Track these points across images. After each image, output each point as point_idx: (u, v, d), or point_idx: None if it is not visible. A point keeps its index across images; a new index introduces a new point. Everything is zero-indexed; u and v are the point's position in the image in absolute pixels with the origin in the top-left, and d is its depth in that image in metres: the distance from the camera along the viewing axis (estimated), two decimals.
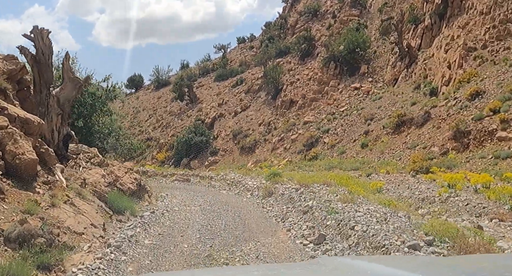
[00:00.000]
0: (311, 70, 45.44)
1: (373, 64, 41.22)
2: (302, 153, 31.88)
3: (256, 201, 12.40)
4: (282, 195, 11.42)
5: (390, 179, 15.49)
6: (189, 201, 12.15)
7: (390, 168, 19.91)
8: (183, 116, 49.72)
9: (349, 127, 31.50)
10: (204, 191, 15.34)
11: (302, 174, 19.32)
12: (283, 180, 13.79)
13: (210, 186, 17.62)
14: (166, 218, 9.67)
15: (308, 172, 24.83)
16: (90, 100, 13.45)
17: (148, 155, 45.53)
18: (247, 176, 17.37)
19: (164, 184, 18.38)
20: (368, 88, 37.35)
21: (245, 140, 38.88)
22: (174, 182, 19.65)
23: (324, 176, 16.87)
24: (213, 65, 63.82)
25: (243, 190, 14.40)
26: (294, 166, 28.72)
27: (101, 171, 9.54)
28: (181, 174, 23.47)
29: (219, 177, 18.83)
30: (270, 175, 14.43)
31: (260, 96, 46.53)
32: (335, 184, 11.64)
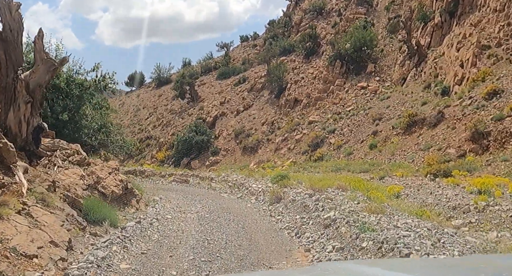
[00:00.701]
0: (316, 68, 44.21)
1: (380, 63, 39.97)
2: (306, 154, 30.63)
3: (262, 208, 11.08)
4: (293, 202, 10.04)
5: (406, 183, 14.21)
6: (185, 207, 10.84)
7: (403, 171, 18.64)
8: (184, 114, 48.49)
9: (356, 127, 30.23)
10: (203, 194, 14.05)
11: (310, 176, 18.07)
12: (292, 183, 12.49)
13: (210, 188, 16.34)
14: (155, 230, 8.11)
15: (314, 173, 23.61)
16: (77, 91, 12.13)
17: (148, 154, 44.31)
18: (251, 178, 16.12)
19: (160, 185, 17.12)
20: (375, 87, 36.09)
21: (247, 140, 37.63)
22: (172, 183, 18.39)
23: (335, 179, 15.64)
24: (215, 63, 62.55)
25: (246, 194, 13.13)
26: (298, 167, 27.46)
27: (80, 171, 8.22)
28: (180, 174, 22.24)
29: (220, 178, 17.58)
30: (277, 177, 13.17)
31: (263, 95, 45.28)
32: (350, 188, 10.38)
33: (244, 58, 58.19)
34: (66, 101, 11.73)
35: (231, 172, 28.04)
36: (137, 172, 24.54)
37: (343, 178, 17.17)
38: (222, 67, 58.07)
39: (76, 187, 7.44)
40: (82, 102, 12.31)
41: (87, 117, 12.94)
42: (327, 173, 22.95)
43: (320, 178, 14.43)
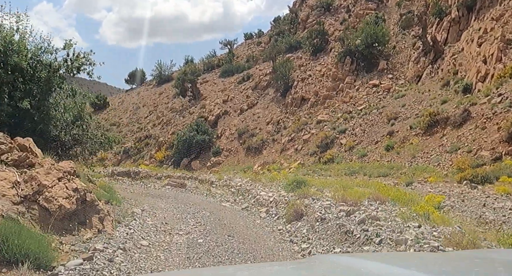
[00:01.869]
0: (324, 66, 42.08)
1: (392, 60, 37.77)
2: (315, 155, 28.45)
3: (276, 227, 8.68)
4: (321, 221, 7.50)
5: (443, 191, 12.02)
6: (173, 223, 8.62)
7: (428, 175, 16.47)
8: (185, 113, 46.35)
9: (369, 127, 28.05)
10: (200, 203, 11.86)
11: (326, 180, 15.91)
12: (312, 191, 10.22)
13: (210, 194, 14.15)
14: (114, 273, 5.35)
15: (325, 176, 21.46)
16: (44, 73, 9.86)
17: (147, 153, 42.19)
18: (258, 183, 13.96)
19: (150, 190, 15.01)
20: (388, 85, 33.90)
21: (251, 140, 35.46)
22: (166, 187, 16.23)
23: (354, 184, 13.49)
24: (218, 60, 60.45)
25: (254, 204, 10.92)
26: (307, 169, 25.29)
27: (14, 176, 5.94)
28: (177, 176, 20.14)
29: (222, 182, 15.46)
30: (292, 184, 10.98)
31: (268, 93, 43.12)
32: (388, 199, 8.19)
33: (249, 55, 56.05)
34: (29, 86, 9.46)
35: (234, 174, 25.90)
36: (131, 173, 22.46)
37: (362, 183, 15.02)
38: (225, 64, 55.97)
39: (2, 200, 5.21)
40: (51, 87, 10.05)
41: (58, 107, 10.69)
42: (340, 177, 20.81)
43: (344, 184, 12.21)
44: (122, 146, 44.64)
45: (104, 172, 23.68)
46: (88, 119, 12.10)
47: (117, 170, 23.28)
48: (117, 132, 48.89)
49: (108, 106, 60.03)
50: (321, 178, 21.19)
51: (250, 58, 54.41)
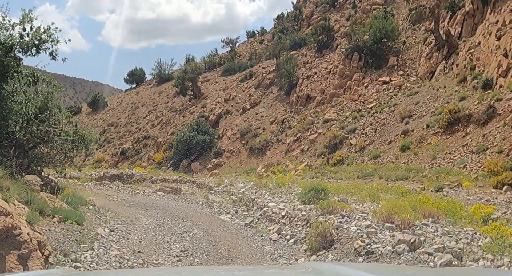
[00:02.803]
0: (330, 63, 40.24)
1: (402, 56, 35.89)
2: (323, 156, 26.59)
3: (295, 257, 6.66)
4: (368, 255, 5.37)
5: (484, 198, 10.15)
6: (148, 253, 6.60)
7: (455, 179, 14.59)
8: (185, 112, 44.52)
9: (381, 126, 26.18)
10: (193, 216, 9.88)
11: (340, 185, 14.05)
12: (336, 203, 8.10)
13: (206, 203, 12.18)
14: None
15: (336, 180, 19.59)
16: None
17: (145, 155, 40.37)
18: (264, 189, 12.07)
19: (137, 198, 13.14)
20: (399, 82, 32.00)
21: (254, 140, 33.61)
22: (157, 193, 14.33)
23: (372, 189, 11.66)
24: (220, 59, 58.66)
25: (260, 219, 8.97)
26: (315, 171, 23.44)
27: None
28: (173, 179, 18.28)
29: (222, 187, 13.60)
30: (309, 193, 9.03)
31: (271, 91, 41.28)
32: (438, 213, 6.31)
33: (252, 51, 54.25)
34: None
35: (236, 177, 24.03)
36: (124, 176, 20.64)
37: (382, 188, 13.17)
38: (227, 63, 54.15)
39: None
40: (7, 72, 8.07)
41: (16, 97, 8.68)
42: (353, 180, 18.96)
43: (369, 191, 10.28)
44: (119, 147, 42.86)
45: (95, 175, 21.89)
46: (56, 113, 10.14)
47: (109, 172, 21.46)
48: (115, 133, 47.18)
49: (106, 107, 58.30)
50: (332, 181, 19.34)
51: (252, 56, 52.58)
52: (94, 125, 52.73)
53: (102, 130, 49.53)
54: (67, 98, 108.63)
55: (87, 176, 22.30)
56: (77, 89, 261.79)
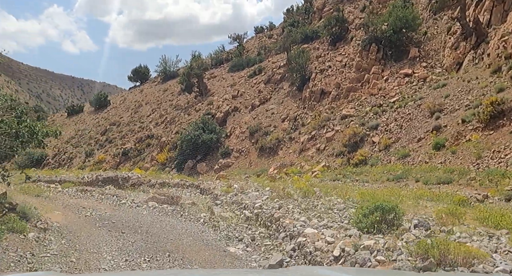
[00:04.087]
0: (345, 56, 37.55)
1: (425, 47, 33.10)
2: (342, 156, 23.93)
3: None
4: None
5: None
6: None
7: None
8: (191, 110, 41.99)
9: (407, 122, 23.48)
10: (187, 247, 7.03)
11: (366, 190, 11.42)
12: (446, 243, 5.16)
13: (210, 221, 9.54)
14: None
15: (361, 183, 16.93)
16: None
17: (148, 155, 37.88)
18: (287, 199, 9.40)
19: (119, 212, 10.44)
20: (423, 74, 29.26)
21: (265, 139, 30.99)
22: (148, 203, 11.65)
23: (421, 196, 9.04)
24: (227, 54, 56.11)
25: (296, 258, 6.13)
26: (335, 173, 20.79)
27: None
28: (175, 183, 15.71)
29: (231, 196, 10.99)
30: (373, 214, 6.25)
31: (282, 87, 38.66)
32: None
33: (261, 45, 51.62)
34: None
35: (246, 181, 21.47)
36: (119, 180, 18.13)
37: (428, 194, 10.53)
38: (235, 58, 51.57)
39: None
40: None
41: None
42: (382, 183, 16.28)
43: (448, 208, 7.55)
44: (121, 147, 40.43)
45: (87, 178, 19.42)
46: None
47: (103, 175, 18.95)
48: (117, 132, 44.78)
49: (109, 105, 55.96)
50: (357, 185, 16.69)
51: (261, 50, 49.97)
52: (95, 124, 50.38)
53: (103, 130, 47.16)
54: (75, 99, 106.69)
55: (79, 178, 19.85)
56: (85, 90, 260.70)
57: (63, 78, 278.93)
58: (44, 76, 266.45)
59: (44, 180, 21.09)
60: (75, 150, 45.47)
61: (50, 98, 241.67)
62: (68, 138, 49.29)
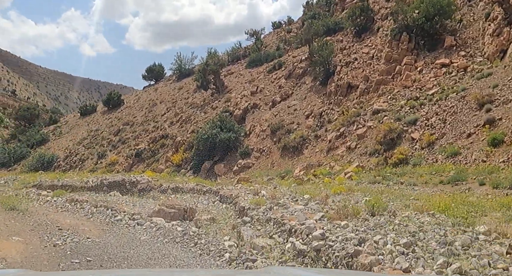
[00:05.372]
0: (372, 47, 34.85)
1: (461, 35, 30.24)
2: (377, 154, 21.31)
3: None
4: None
5: None
6: None
7: None
8: (207, 108, 39.64)
9: (451, 116, 20.76)
10: None
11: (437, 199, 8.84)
12: None
13: (240, 259, 6.50)
14: None
15: (409, 186, 14.32)
16: None
17: (162, 156, 35.62)
18: (355, 220, 6.75)
19: (107, 238, 7.68)
20: (463, 64, 26.45)
21: (288, 137, 28.47)
22: (152, 220, 9.10)
23: None
24: (244, 50, 53.72)
25: None
26: (373, 174, 18.17)
27: None
28: (189, 188, 13.28)
29: (264, 210, 8.32)
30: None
31: (305, 81, 36.11)
32: None
33: (281, 38, 49.08)
34: None
35: (269, 183, 19.07)
36: (126, 184, 15.78)
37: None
38: (252, 53, 49.11)
39: None
40: None
41: None
42: (435, 186, 13.65)
43: None
44: (134, 148, 38.26)
45: (92, 182, 17.14)
46: None
47: (108, 179, 16.62)
48: (130, 132, 42.67)
49: (122, 104, 53.96)
50: (404, 189, 14.08)
51: (282, 42, 47.42)
52: (108, 124, 48.36)
53: (116, 130, 45.09)
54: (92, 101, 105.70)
55: (83, 183, 17.59)
56: (102, 92, 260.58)
57: (80, 80, 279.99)
58: (62, 79, 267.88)
59: (45, 185, 18.91)
60: (87, 151, 43.46)
61: (68, 101, 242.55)
62: (80, 139, 47.36)
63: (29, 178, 22.48)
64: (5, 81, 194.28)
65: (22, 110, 68.01)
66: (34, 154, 45.37)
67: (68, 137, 51.44)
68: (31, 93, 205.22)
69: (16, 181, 22.77)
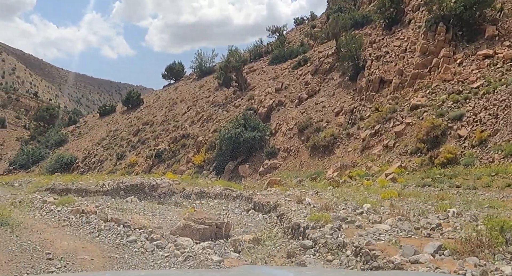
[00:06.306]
0: (404, 40, 32.73)
1: (503, 25, 27.96)
2: (420, 154, 19.32)
3: None
4: None
5: None
6: None
7: None
8: (229, 106, 37.96)
9: (503, 110, 18.68)
10: None
11: None
12: None
13: None
14: None
15: (469, 190, 12.38)
16: None
17: (183, 157, 34.05)
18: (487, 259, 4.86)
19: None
20: (509, 55, 24.24)
21: (317, 136, 26.60)
22: (176, 241, 7.24)
23: None
24: (267, 46, 51.96)
25: None
26: (418, 176, 16.21)
27: None
28: (215, 193, 11.56)
29: (330, 230, 6.25)
30: None
31: (332, 77, 34.16)
32: None
33: (306, 34, 47.14)
34: None
35: (300, 185, 17.31)
36: (146, 188, 14.16)
37: None
38: (275, 50, 47.30)
39: None
40: None
41: None
42: (503, 191, 11.66)
43: None
44: (154, 148, 36.80)
45: (108, 186, 15.59)
46: None
47: (125, 182, 15.01)
48: (150, 132, 41.24)
49: (142, 104, 52.67)
50: (464, 193, 12.14)
51: (307, 36, 45.50)
52: (127, 124, 47.05)
53: (136, 130, 43.72)
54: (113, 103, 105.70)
55: (98, 187, 16.05)
56: (123, 93, 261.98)
57: (101, 82, 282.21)
58: (83, 81, 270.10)
59: (58, 188, 17.43)
60: (105, 152, 42.17)
61: (89, 103, 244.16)
62: (99, 139, 46.15)
63: (43, 181, 21.08)
64: (27, 83, 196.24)
65: (41, 111, 67.32)
66: (53, 155, 44.30)
67: (87, 138, 50.35)
68: (53, 95, 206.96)
69: (30, 184, 21.43)
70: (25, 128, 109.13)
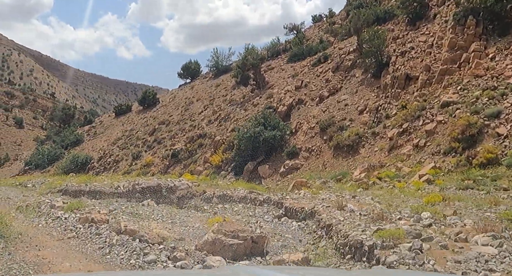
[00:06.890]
0: (430, 35, 31.32)
1: None
2: (455, 154, 18.02)
3: None
4: None
5: None
6: None
7: None
8: (247, 105, 36.89)
9: None
10: None
11: None
12: None
13: None
14: None
15: None
16: None
17: (200, 157, 33.07)
18: None
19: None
20: None
21: (341, 135, 25.40)
22: (204, 261, 6.00)
23: None
24: (285, 45, 50.81)
25: None
26: (457, 178, 14.94)
27: None
28: (239, 197, 10.48)
29: (410, 250, 4.97)
30: None
31: (354, 74, 32.91)
32: None
33: (327, 30, 45.92)
34: None
35: (325, 187, 16.20)
36: (163, 190, 13.17)
37: None
38: (294, 47, 46.12)
39: None
40: None
41: None
42: None
43: None
44: (171, 148, 35.89)
45: (123, 188, 14.64)
46: None
47: (141, 184, 14.02)
48: (166, 132, 40.37)
49: (158, 103, 51.90)
50: None
51: (328, 33, 44.27)
52: (143, 124, 46.28)
53: (152, 130, 42.90)
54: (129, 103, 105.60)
55: (113, 188, 15.11)
56: (139, 94, 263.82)
57: (117, 83, 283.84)
58: (100, 82, 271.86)
59: (71, 190, 16.57)
60: (121, 152, 41.42)
61: (105, 103, 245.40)
62: (115, 139, 45.45)
63: (57, 182, 20.25)
64: (45, 84, 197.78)
65: (57, 111, 67.04)
66: (68, 155, 43.70)
67: (103, 137, 49.73)
68: (69, 96, 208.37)
69: (43, 184, 20.66)
70: (42, 128, 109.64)
